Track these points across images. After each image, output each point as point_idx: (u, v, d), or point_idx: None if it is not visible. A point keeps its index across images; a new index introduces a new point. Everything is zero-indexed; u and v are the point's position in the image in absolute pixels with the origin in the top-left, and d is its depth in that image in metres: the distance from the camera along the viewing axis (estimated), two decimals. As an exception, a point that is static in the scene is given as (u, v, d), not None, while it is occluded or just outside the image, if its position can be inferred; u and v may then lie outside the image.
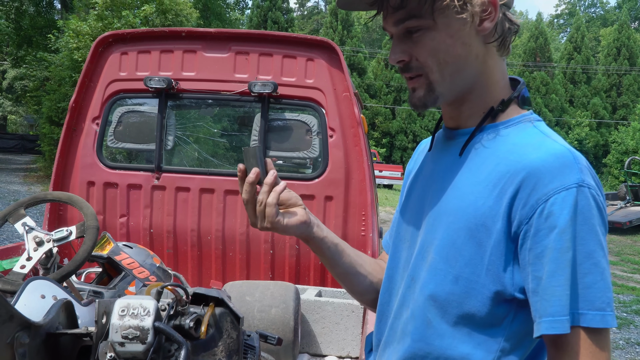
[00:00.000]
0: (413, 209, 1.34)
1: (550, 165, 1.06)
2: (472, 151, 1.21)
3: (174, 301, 1.40)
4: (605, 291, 1.02)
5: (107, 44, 3.84)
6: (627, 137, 32.45)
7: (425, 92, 1.18)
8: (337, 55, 3.64)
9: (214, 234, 3.79)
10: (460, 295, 1.13)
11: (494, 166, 1.14)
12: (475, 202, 1.13)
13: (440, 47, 1.14)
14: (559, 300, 1.02)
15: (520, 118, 1.21)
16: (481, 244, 1.11)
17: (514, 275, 1.09)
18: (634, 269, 11.00)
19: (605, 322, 1.01)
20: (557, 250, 1.02)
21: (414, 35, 1.15)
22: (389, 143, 37.37)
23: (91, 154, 3.81)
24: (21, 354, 1.29)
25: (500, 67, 1.22)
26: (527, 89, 1.26)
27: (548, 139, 1.14)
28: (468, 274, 1.12)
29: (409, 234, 1.33)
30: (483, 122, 1.21)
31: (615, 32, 41.15)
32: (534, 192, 1.06)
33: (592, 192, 1.04)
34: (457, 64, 1.16)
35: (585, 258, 1.02)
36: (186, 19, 18.19)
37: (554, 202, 1.03)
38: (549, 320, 1.02)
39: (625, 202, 17.22)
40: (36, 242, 2.54)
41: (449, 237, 1.16)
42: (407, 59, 1.17)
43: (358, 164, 3.64)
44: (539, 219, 1.04)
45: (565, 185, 1.03)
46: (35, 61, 23.75)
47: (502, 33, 1.19)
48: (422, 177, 1.34)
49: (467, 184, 1.17)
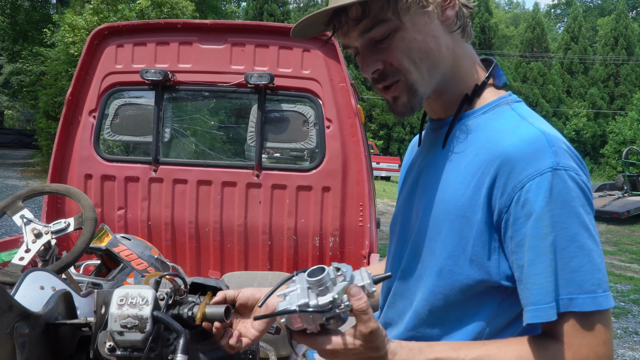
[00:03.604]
0: (404, 203, 1.35)
1: (522, 151, 1.05)
2: (453, 141, 1.21)
3: (172, 290, 1.41)
4: (594, 273, 1.00)
5: (103, 36, 3.83)
6: (625, 127, 32.45)
7: (409, 95, 1.16)
8: (333, 46, 3.63)
9: (211, 226, 3.80)
10: (445, 287, 1.14)
11: (473, 156, 1.14)
12: (456, 193, 1.13)
13: (412, 46, 1.13)
14: (539, 288, 1.01)
15: (497, 101, 1.20)
16: (463, 235, 1.11)
17: (500, 263, 1.09)
18: (632, 259, 11.03)
19: (598, 304, 0.99)
20: (534, 237, 1.02)
21: (382, 42, 1.13)
22: (386, 135, 37.35)
23: (88, 146, 3.81)
24: (21, 344, 1.30)
25: (468, 52, 1.22)
26: (500, 69, 1.25)
27: (523, 122, 1.12)
28: (451, 266, 1.13)
29: (398, 227, 1.35)
30: (459, 111, 1.20)
31: (613, 22, 41.04)
32: (510, 180, 1.05)
33: (569, 174, 1.03)
34: (431, 58, 1.15)
35: (568, 242, 1.00)
36: (182, 12, 18.12)
37: (529, 189, 1.02)
38: (532, 309, 1.02)
39: (623, 192, 17.24)
40: (34, 234, 2.54)
41: (433, 229, 1.17)
42: (381, 67, 1.15)
43: (355, 154, 3.64)
44: (515, 207, 1.04)
45: (539, 170, 1.02)
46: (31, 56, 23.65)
47: (463, 18, 1.18)
48: (413, 172, 1.35)
49: (449, 175, 1.17)
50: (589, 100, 39.19)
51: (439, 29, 1.15)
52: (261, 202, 3.75)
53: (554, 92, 39.04)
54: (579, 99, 39.62)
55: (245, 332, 1.34)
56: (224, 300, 1.35)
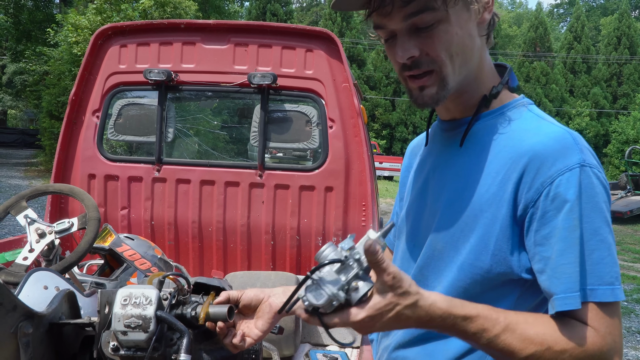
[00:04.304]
0: (415, 203, 1.35)
1: (551, 148, 1.08)
2: (471, 140, 1.22)
3: (176, 290, 1.41)
4: (613, 266, 1.04)
5: (107, 36, 3.84)
6: (628, 127, 32.40)
7: (438, 88, 1.16)
8: (336, 45, 3.63)
9: (215, 226, 3.80)
10: (466, 280, 1.16)
11: (495, 153, 1.16)
12: (479, 190, 1.15)
13: (453, 40, 1.13)
14: (569, 277, 1.03)
15: (513, 103, 1.23)
16: (486, 231, 1.13)
17: (521, 257, 1.11)
18: (635, 258, 11.02)
19: (615, 296, 1.03)
20: (565, 229, 1.04)
21: (424, 30, 1.13)
22: (389, 135, 37.30)
23: (92, 146, 3.82)
24: (25, 344, 1.30)
25: (488, 58, 1.25)
26: (513, 73, 1.27)
27: (544, 122, 1.16)
28: (472, 260, 1.14)
29: (408, 226, 1.36)
30: (479, 110, 1.22)
31: (616, 21, 40.92)
32: (538, 176, 1.07)
33: (594, 171, 1.06)
34: (465, 55, 1.16)
35: (592, 235, 1.04)
36: (185, 12, 18.12)
37: (559, 184, 1.05)
38: (561, 297, 1.04)
39: (626, 191, 17.20)
40: (38, 234, 2.55)
41: (454, 226, 1.18)
42: (417, 55, 1.14)
43: (358, 154, 3.64)
44: (545, 201, 1.06)
45: (568, 166, 1.05)
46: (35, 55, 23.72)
47: (491, 25, 1.21)
48: (424, 172, 1.35)
49: (470, 173, 1.19)
50: (592, 100, 39.09)
51: (475, 29, 1.17)
52: (264, 202, 3.75)
53: (556, 92, 38.94)
54: (582, 98, 39.52)
55: (248, 332, 1.34)
56: (228, 300, 1.35)
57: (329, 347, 3.20)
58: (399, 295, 1.02)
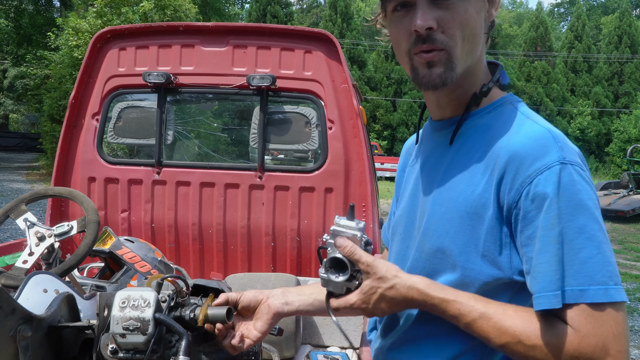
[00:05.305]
0: (407, 204, 1.35)
1: (530, 147, 1.07)
2: (461, 139, 1.22)
3: (174, 293, 1.41)
4: (605, 265, 1.01)
5: (106, 39, 3.85)
6: (630, 126, 32.33)
7: (446, 68, 1.15)
8: (334, 46, 3.63)
9: (215, 227, 3.81)
10: (458, 283, 1.15)
11: (481, 153, 1.15)
12: (466, 190, 1.15)
13: (469, 22, 1.13)
14: (544, 276, 1.02)
15: (501, 101, 1.23)
16: (474, 232, 1.12)
17: (512, 258, 1.10)
18: (638, 257, 10.99)
19: (609, 296, 0.99)
20: (543, 228, 1.03)
21: (444, 3, 1.12)
22: (390, 135, 37.27)
23: (91, 149, 3.82)
24: (24, 347, 1.30)
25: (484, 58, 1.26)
26: (505, 70, 1.27)
27: (528, 121, 1.15)
28: (463, 262, 1.14)
29: (402, 227, 1.35)
30: (469, 108, 1.22)
31: (617, 20, 40.85)
32: (518, 176, 1.06)
33: (575, 169, 1.05)
34: (474, 43, 1.16)
35: (576, 233, 1.01)
36: (185, 15, 18.14)
37: (538, 183, 1.04)
38: (537, 296, 1.03)
39: (628, 190, 17.16)
40: (38, 237, 2.55)
41: (442, 227, 1.18)
42: (434, 27, 1.12)
43: (358, 155, 3.64)
44: (525, 201, 1.05)
45: (547, 164, 1.04)
46: (36, 59, 23.73)
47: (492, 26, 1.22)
48: (414, 171, 1.35)
49: (458, 172, 1.18)
50: (593, 99, 39.02)
51: (484, 22, 1.18)
52: (264, 203, 3.75)
53: (558, 91, 38.90)
54: (583, 97, 39.46)
55: (247, 334, 1.34)
56: (226, 302, 1.36)
57: (330, 348, 3.20)
58: (377, 279, 1.15)
